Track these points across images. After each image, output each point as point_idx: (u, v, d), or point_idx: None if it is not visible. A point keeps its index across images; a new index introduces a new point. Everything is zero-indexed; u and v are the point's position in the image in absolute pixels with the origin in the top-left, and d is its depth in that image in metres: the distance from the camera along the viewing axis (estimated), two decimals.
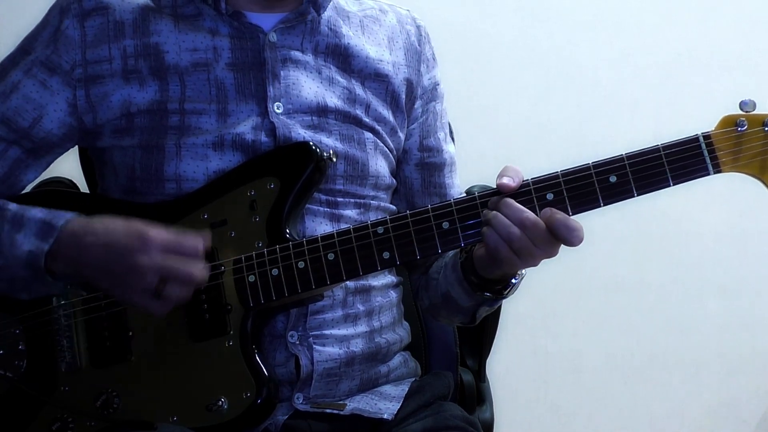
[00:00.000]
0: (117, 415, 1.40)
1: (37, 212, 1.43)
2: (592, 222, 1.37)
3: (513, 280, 1.46)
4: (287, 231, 1.42)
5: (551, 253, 1.36)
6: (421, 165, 1.65)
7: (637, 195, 1.35)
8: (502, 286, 1.46)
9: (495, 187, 1.39)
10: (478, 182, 1.74)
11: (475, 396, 1.76)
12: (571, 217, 1.35)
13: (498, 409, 1.81)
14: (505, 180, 1.37)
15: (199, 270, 1.35)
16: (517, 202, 1.35)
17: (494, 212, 1.36)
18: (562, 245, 1.36)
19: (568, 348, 2.95)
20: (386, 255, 1.38)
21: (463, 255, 1.48)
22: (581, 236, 1.33)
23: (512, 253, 1.35)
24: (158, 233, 1.35)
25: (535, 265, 1.39)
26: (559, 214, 1.34)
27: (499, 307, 1.71)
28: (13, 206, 1.46)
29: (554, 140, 2.86)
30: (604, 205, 1.36)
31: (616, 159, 1.36)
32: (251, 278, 1.40)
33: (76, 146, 1.63)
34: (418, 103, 1.64)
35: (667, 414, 2.99)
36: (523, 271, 1.46)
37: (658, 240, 2.96)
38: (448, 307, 1.58)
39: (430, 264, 1.63)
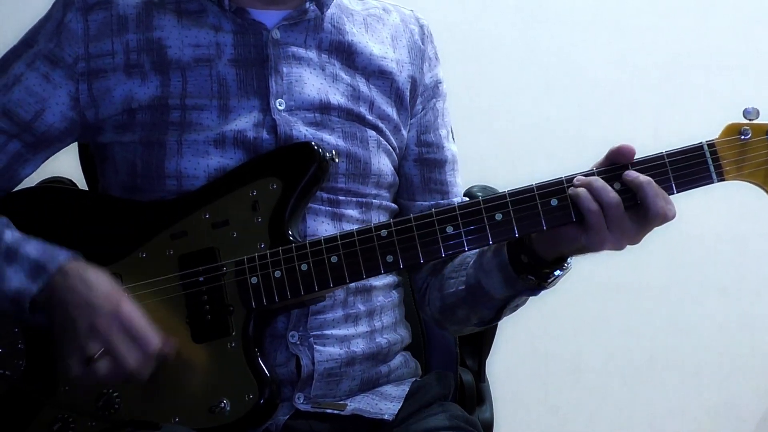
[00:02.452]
0: (118, 415, 1.40)
1: (32, 249, 1.42)
2: None
3: (557, 272, 1.45)
4: (290, 232, 1.42)
5: (638, 236, 1.37)
6: (420, 161, 1.65)
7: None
8: (550, 271, 1.45)
9: (494, 187, 1.39)
10: (478, 182, 1.74)
11: (474, 396, 1.76)
12: (575, 222, 1.35)
13: (498, 409, 1.81)
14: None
15: (139, 366, 1.35)
16: (521, 207, 1.35)
17: (595, 177, 1.34)
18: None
19: (568, 348, 2.95)
20: (390, 258, 1.38)
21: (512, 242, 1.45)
22: (674, 210, 1.35)
23: (603, 220, 1.34)
24: (131, 311, 1.36)
25: (618, 246, 1.38)
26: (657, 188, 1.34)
27: None
28: (8, 237, 1.44)
29: (554, 140, 2.86)
30: None
31: (621, 166, 1.36)
32: (254, 280, 1.39)
33: (76, 144, 1.63)
34: (419, 100, 1.64)
35: (667, 414, 3.00)
36: (570, 261, 1.45)
37: (658, 241, 2.93)
38: (472, 301, 1.54)
39: (441, 265, 1.62)
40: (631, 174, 1.34)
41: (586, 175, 1.36)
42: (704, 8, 2.94)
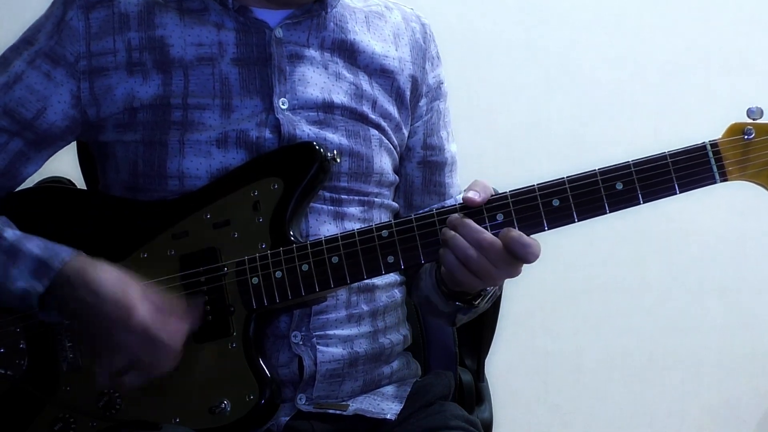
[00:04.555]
0: (119, 415, 1.40)
1: (34, 247, 1.41)
2: (592, 222, 1.37)
3: (484, 292, 1.45)
4: (291, 232, 1.42)
5: (512, 272, 1.35)
6: (424, 163, 1.65)
7: (644, 202, 1.35)
8: (472, 296, 1.45)
9: (494, 187, 1.39)
10: None
11: (474, 396, 1.76)
12: (577, 222, 1.35)
13: (497, 408, 1.81)
14: (471, 194, 1.36)
15: (164, 365, 1.36)
16: (523, 207, 1.35)
17: (451, 233, 1.34)
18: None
19: (567, 348, 2.95)
20: (391, 259, 1.38)
21: (436, 264, 1.47)
22: (536, 252, 1.32)
23: (470, 274, 1.34)
24: (143, 316, 1.34)
25: (496, 285, 1.40)
26: (514, 232, 1.32)
27: (498, 306, 1.71)
28: (9, 234, 1.43)
29: (554, 140, 2.86)
30: (610, 212, 1.36)
31: (623, 166, 1.35)
32: (254, 280, 1.39)
33: (74, 145, 1.63)
34: (423, 101, 1.63)
35: (667, 414, 3.00)
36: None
37: (658, 240, 2.96)
38: (430, 310, 1.58)
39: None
40: (448, 226, 1.35)
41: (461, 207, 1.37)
42: (704, 8, 2.94)
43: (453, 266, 1.34)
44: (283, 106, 1.49)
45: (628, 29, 2.93)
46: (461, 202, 1.38)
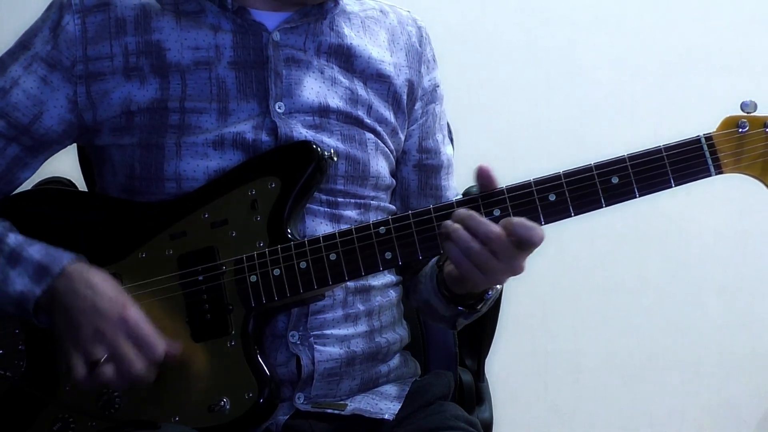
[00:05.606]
0: (118, 415, 1.40)
1: (35, 252, 1.42)
2: (592, 222, 1.37)
3: (486, 296, 1.45)
4: (288, 231, 1.42)
5: (515, 267, 1.33)
6: (419, 166, 1.65)
7: (639, 196, 1.35)
8: (474, 300, 1.46)
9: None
10: None
11: (474, 396, 1.76)
12: (573, 217, 1.35)
13: (497, 409, 1.81)
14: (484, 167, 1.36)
15: (143, 372, 1.36)
16: (519, 203, 1.35)
17: (455, 225, 1.33)
18: (527, 261, 1.34)
19: (567, 348, 2.95)
20: (388, 255, 1.38)
21: (437, 268, 1.48)
22: (540, 234, 1.30)
23: (474, 267, 1.32)
24: (137, 317, 1.36)
25: (499, 282, 1.39)
26: (515, 218, 1.31)
27: (498, 306, 1.71)
28: (11, 240, 1.44)
29: (554, 140, 2.86)
30: (606, 206, 1.35)
31: (618, 160, 1.35)
32: (253, 278, 1.39)
33: (75, 145, 1.63)
34: (418, 105, 1.64)
35: (667, 414, 3.00)
36: (498, 286, 1.46)
37: (658, 240, 2.96)
38: (430, 314, 1.59)
39: (421, 266, 1.63)
40: (453, 219, 1.34)
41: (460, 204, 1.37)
42: (704, 8, 2.94)
43: (457, 258, 1.33)
44: (279, 110, 1.49)
45: (628, 29, 2.93)
46: (459, 199, 1.39)
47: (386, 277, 1.58)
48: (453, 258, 1.33)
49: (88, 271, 1.41)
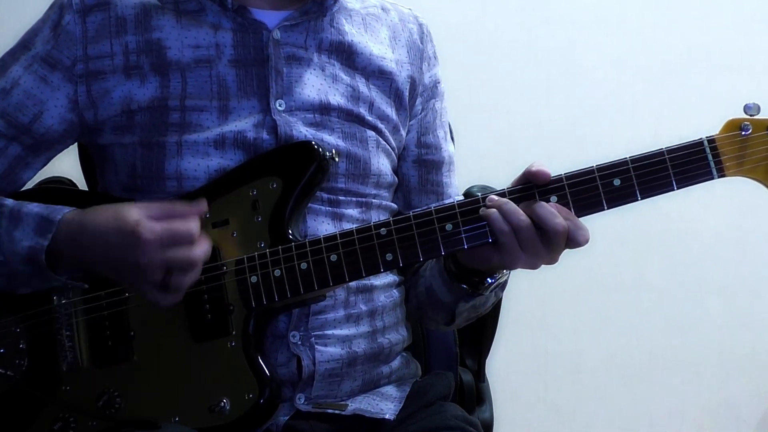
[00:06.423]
0: (119, 415, 1.40)
1: (34, 207, 1.43)
2: (592, 222, 1.37)
3: (489, 280, 1.45)
4: (290, 231, 1.42)
5: (554, 256, 1.35)
6: (419, 162, 1.65)
7: (641, 198, 1.34)
8: (479, 279, 1.45)
9: (494, 187, 1.39)
10: (478, 182, 1.74)
11: (474, 396, 1.76)
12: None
13: (498, 409, 1.81)
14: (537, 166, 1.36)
15: (200, 252, 1.34)
16: (520, 204, 1.35)
17: (506, 199, 1.34)
18: (565, 254, 1.35)
19: (568, 348, 2.95)
20: (389, 257, 1.37)
21: None
22: (588, 236, 1.33)
23: (516, 243, 1.33)
24: (150, 229, 1.32)
25: (533, 266, 1.37)
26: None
27: (499, 306, 1.71)
28: (9, 202, 1.46)
29: (554, 140, 2.86)
30: (608, 208, 1.35)
31: (621, 162, 1.35)
32: (253, 279, 1.39)
33: (76, 145, 1.63)
34: (418, 101, 1.64)
35: (667, 414, 3.00)
36: (505, 271, 1.46)
37: (658, 240, 2.96)
38: (430, 303, 1.58)
39: (419, 264, 1.63)
40: (491, 201, 1.35)
41: (500, 195, 1.36)
42: (704, 8, 2.95)
43: (502, 229, 1.32)
44: (279, 108, 1.49)
45: (628, 29, 2.93)
46: (461, 200, 1.39)
47: (388, 277, 1.58)
48: (497, 227, 1.33)
49: (82, 216, 1.39)
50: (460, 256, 1.44)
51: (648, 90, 2.93)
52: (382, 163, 1.56)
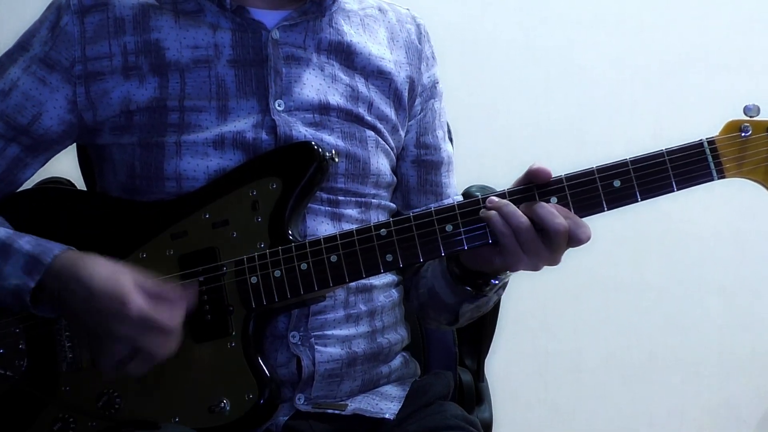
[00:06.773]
0: (118, 415, 1.40)
1: (25, 243, 1.41)
2: (591, 222, 1.37)
3: (493, 281, 1.45)
4: (290, 232, 1.42)
5: (556, 257, 1.35)
6: (418, 162, 1.65)
7: (641, 200, 1.34)
8: (483, 281, 1.45)
9: (493, 187, 1.39)
10: (476, 182, 1.74)
11: (473, 396, 1.77)
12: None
13: (497, 408, 1.81)
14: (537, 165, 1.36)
15: (167, 349, 1.34)
16: (520, 205, 1.35)
17: (506, 201, 1.34)
18: (565, 254, 1.35)
19: (568, 348, 2.95)
20: (389, 257, 1.37)
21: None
22: (589, 233, 1.33)
23: (518, 245, 1.33)
24: (138, 305, 1.32)
25: (535, 268, 1.37)
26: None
27: (498, 306, 1.71)
28: (2, 232, 1.44)
29: (554, 140, 2.86)
30: (608, 209, 1.35)
31: (621, 164, 1.35)
32: (253, 279, 1.39)
33: (74, 145, 1.62)
34: (417, 101, 1.64)
35: (667, 414, 3.00)
36: (508, 273, 1.45)
37: (658, 240, 2.96)
38: (433, 304, 1.57)
39: (420, 265, 1.62)
40: (490, 202, 1.34)
41: (499, 196, 1.36)
42: (704, 8, 2.95)
43: (503, 231, 1.32)
44: (279, 108, 1.49)
45: (627, 29, 2.93)
46: (460, 201, 1.39)
47: (387, 277, 1.58)
48: (497, 228, 1.33)
49: (77, 264, 1.38)
50: (462, 259, 1.44)
51: (647, 90, 2.93)
52: (382, 163, 1.56)
